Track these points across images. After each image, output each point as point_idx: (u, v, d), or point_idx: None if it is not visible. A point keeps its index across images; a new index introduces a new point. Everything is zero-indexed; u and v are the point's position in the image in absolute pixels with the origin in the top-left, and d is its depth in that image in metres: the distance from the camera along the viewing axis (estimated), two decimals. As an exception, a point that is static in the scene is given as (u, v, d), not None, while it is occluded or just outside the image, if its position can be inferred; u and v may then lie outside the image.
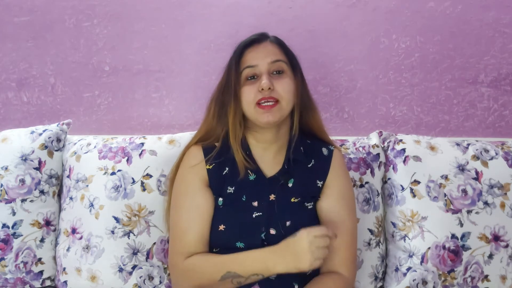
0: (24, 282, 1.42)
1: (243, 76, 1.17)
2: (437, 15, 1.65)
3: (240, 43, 1.22)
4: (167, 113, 1.72)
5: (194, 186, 1.19)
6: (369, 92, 1.69)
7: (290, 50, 1.23)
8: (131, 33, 1.69)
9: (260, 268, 1.07)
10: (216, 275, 1.09)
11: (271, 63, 1.16)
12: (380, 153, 1.47)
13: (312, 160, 1.24)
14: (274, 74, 1.17)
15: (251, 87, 1.15)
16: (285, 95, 1.15)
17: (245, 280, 1.09)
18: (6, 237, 1.41)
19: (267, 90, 1.13)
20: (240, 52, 1.19)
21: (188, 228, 1.16)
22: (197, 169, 1.21)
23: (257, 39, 1.21)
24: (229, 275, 1.09)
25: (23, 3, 1.69)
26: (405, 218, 1.39)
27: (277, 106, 1.14)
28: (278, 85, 1.15)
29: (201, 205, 1.18)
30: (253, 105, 1.15)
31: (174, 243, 1.19)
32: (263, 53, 1.18)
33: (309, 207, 1.20)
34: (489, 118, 1.69)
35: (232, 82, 1.17)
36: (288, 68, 1.19)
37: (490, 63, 1.67)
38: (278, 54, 1.19)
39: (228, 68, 1.20)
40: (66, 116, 1.72)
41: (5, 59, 1.71)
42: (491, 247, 1.36)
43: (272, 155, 1.23)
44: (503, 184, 1.40)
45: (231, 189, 1.19)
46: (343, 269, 1.16)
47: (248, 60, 1.17)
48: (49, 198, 1.47)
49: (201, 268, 1.13)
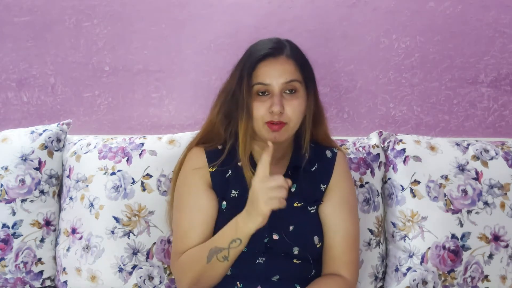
0: (24, 282, 1.42)
1: (254, 90, 1.13)
2: (437, 15, 1.65)
3: (253, 51, 1.16)
4: (167, 113, 1.72)
5: (197, 187, 1.18)
6: (369, 92, 1.69)
7: (306, 64, 1.18)
8: (131, 33, 1.69)
9: (234, 232, 1.05)
10: (203, 259, 1.07)
11: (284, 84, 1.12)
12: (380, 153, 1.47)
13: (316, 164, 1.24)
14: (286, 93, 1.13)
15: (261, 103, 1.12)
16: (294, 118, 1.13)
17: (228, 252, 1.06)
18: (6, 237, 1.41)
19: (277, 114, 1.10)
20: (254, 65, 1.13)
21: (190, 229, 1.15)
22: (200, 171, 1.20)
23: (273, 54, 1.14)
24: (212, 252, 1.06)
25: (23, 3, 1.68)
26: (405, 218, 1.39)
27: (284, 127, 1.12)
28: (288, 107, 1.11)
29: (204, 206, 1.17)
30: (262, 122, 1.12)
31: (175, 243, 1.18)
32: (278, 71, 1.12)
33: (311, 211, 1.20)
34: (489, 118, 1.69)
35: (243, 95, 1.12)
36: (301, 86, 1.15)
37: (490, 63, 1.67)
38: (293, 73, 1.13)
39: (239, 77, 1.14)
40: (66, 116, 1.72)
41: (5, 59, 1.71)
42: (491, 247, 1.36)
43: (276, 161, 1.21)
44: (503, 184, 1.40)
45: (235, 192, 1.18)
46: (345, 271, 1.16)
47: (260, 76, 1.12)
48: (49, 198, 1.47)
49: (191, 258, 1.12)
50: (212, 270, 1.08)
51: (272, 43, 1.16)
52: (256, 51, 1.15)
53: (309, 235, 1.17)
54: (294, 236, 1.16)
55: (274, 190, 1.00)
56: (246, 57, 1.16)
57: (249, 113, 1.12)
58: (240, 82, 1.14)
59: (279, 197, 1.00)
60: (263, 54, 1.13)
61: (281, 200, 1.01)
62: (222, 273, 1.09)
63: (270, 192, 1.00)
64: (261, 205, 1.00)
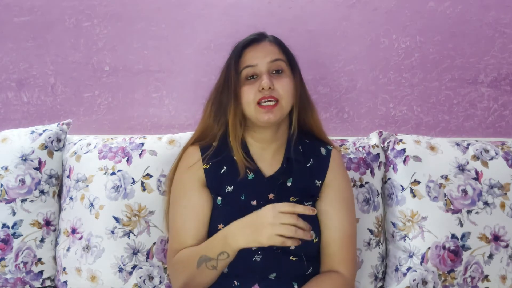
0: (24, 282, 1.42)
1: (242, 76, 1.17)
2: (437, 15, 1.65)
3: (238, 43, 1.22)
4: (167, 113, 1.72)
5: (191, 187, 1.20)
6: (369, 92, 1.69)
7: (288, 50, 1.23)
8: (131, 33, 1.69)
9: (223, 245, 1.05)
10: (193, 264, 1.09)
11: (270, 62, 1.17)
12: (380, 153, 1.47)
13: (311, 160, 1.24)
14: (273, 74, 1.17)
15: (251, 86, 1.15)
16: (284, 95, 1.15)
17: (217, 263, 1.06)
18: (6, 237, 1.41)
19: (267, 89, 1.13)
20: (239, 52, 1.19)
21: (183, 227, 1.17)
22: (194, 169, 1.21)
23: (256, 39, 1.21)
24: (202, 259, 1.08)
25: (23, 3, 1.68)
26: (405, 218, 1.39)
27: (277, 105, 1.15)
28: (278, 84, 1.15)
29: (197, 205, 1.18)
30: (254, 104, 1.15)
31: (170, 241, 1.20)
32: (263, 52, 1.18)
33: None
34: (489, 118, 1.69)
35: (231, 82, 1.17)
36: (287, 67, 1.19)
37: (490, 63, 1.67)
38: (277, 53, 1.19)
39: (227, 68, 1.20)
40: (66, 116, 1.72)
41: (5, 59, 1.71)
42: (491, 247, 1.36)
43: (271, 154, 1.23)
44: (503, 184, 1.40)
45: (230, 188, 1.20)
46: (343, 268, 1.16)
47: (247, 60, 1.18)
48: (49, 198, 1.47)
49: (182, 261, 1.13)
50: (201, 276, 1.09)
51: (254, 34, 1.23)
52: (241, 42, 1.22)
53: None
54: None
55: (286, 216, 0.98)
56: (232, 51, 1.22)
57: (238, 98, 1.16)
58: (228, 71, 1.19)
59: (286, 234, 0.97)
60: (247, 40, 1.21)
61: (285, 240, 0.98)
62: (213, 278, 1.11)
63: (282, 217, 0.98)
64: (263, 236, 0.98)
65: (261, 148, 1.23)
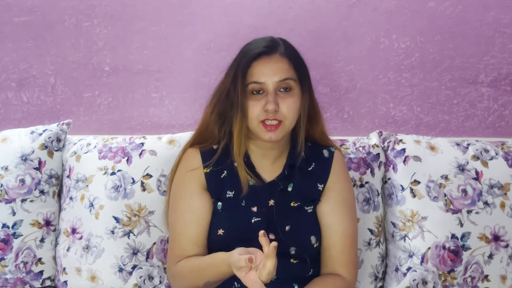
0: (24, 282, 1.42)
1: (248, 89, 1.13)
2: (437, 15, 1.65)
3: (247, 50, 1.16)
4: (167, 113, 1.72)
5: (191, 190, 1.19)
6: (369, 92, 1.69)
7: (300, 62, 1.18)
8: (131, 33, 1.69)
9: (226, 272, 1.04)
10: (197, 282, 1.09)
11: (279, 82, 1.12)
12: (380, 153, 1.47)
13: (313, 163, 1.23)
14: (281, 91, 1.13)
15: (256, 102, 1.12)
16: (289, 115, 1.12)
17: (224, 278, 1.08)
18: (6, 237, 1.41)
19: (272, 112, 1.10)
20: (248, 63, 1.13)
21: (182, 232, 1.16)
22: (195, 173, 1.20)
23: (267, 52, 1.13)
24: (209, 283, 1.09)
25: (23, 3, 1.68)
26: (405, 218, 1.39)
27: (280, 125, 1.12)
28: (283, 105, 1.11)
29: (197, 208, 1.17)
30: (257, 122, 1.12)
31: (170, 246, 1.20)
32: (272, 70, 1.12)
33: (308, 211, 1.20)
34: (489, 118, 1.69)
35: (238, 94, 1.12)
36: (296, 84, 1.15)
37: (490, 63, 1.67)
38: (287, 71, 1.13)
39: (234, 76, 1.14)
40: (66, 116, 1.72)
41: (5, 59, 1.71)
42: (491, 247, 1.36)
43: (272, 160, 1.22)
44: (503, 184, 1.40)
45: (231, 193, 1.19)
46: (344, 271, 1.16)
47: (255, 75, 1.12)
48: (49, 198, 1.47)
49: (184, 275, 1.13)
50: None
51: (266, 41, 1.16)
52: (250, 50, 1.15)
53: (306, 235, 1.17)
54: (291, 236, 1.16)
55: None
56: (240, 56, 1.16)
57: (244, 112, 1.12)
58: (234, 81, 1.13)
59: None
60: (257, 52, 1.13)
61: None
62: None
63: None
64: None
65: (262, 154, 1.21)
